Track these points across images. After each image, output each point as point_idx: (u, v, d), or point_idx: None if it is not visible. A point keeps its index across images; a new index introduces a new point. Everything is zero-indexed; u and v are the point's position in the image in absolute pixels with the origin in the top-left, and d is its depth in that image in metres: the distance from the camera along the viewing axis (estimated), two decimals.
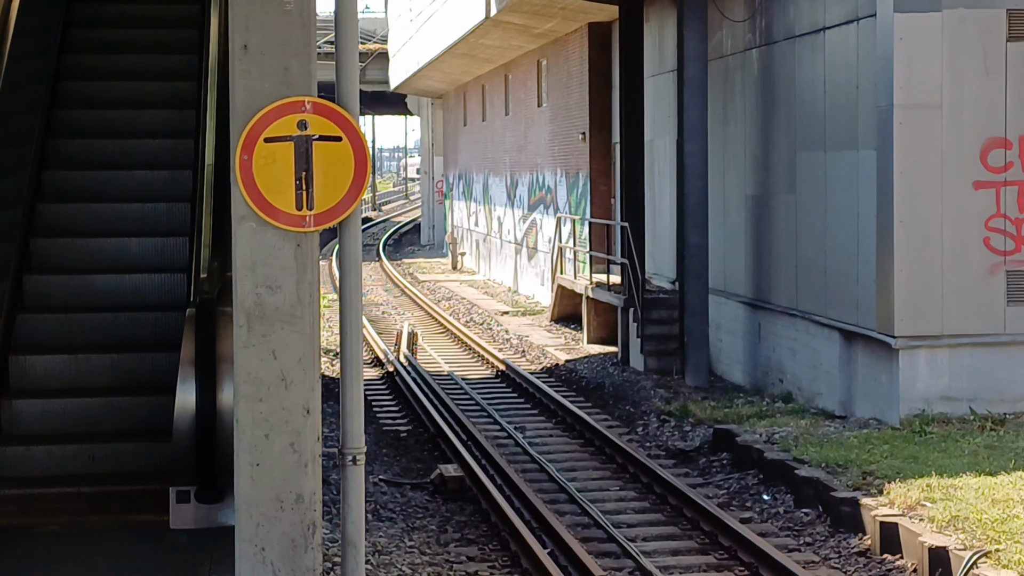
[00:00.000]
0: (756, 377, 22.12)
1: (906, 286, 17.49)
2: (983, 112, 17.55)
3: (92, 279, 11.17)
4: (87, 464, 9.73)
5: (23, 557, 8.38)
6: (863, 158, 18.34)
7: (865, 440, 16.39)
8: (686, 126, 22.70)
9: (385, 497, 16.00)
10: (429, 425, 20.33)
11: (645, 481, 16.52)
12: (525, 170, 39.72)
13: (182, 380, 8.86)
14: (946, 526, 12.79)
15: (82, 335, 10.73)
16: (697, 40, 22.62)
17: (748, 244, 22.62)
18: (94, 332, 10.75)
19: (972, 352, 17.62)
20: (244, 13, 7.33)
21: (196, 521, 8.76)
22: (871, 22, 18.07)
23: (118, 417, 10.10)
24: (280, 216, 7.36)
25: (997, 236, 17.62)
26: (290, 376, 7.36)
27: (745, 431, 17.75)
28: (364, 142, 7.56)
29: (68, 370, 10.41)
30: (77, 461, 9.75)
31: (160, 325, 10.68)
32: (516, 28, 34.63)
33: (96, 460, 9.74)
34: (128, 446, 9.81)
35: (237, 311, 7.35)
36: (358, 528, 7.77)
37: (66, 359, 10.46)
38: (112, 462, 9.75)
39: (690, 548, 13.93)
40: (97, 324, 10.79)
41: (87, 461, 9.74)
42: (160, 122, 12.83)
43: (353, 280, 7.78)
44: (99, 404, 10.14)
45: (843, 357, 18.99)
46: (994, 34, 17.53)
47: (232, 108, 7.37)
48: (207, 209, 10.10)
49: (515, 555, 13.58)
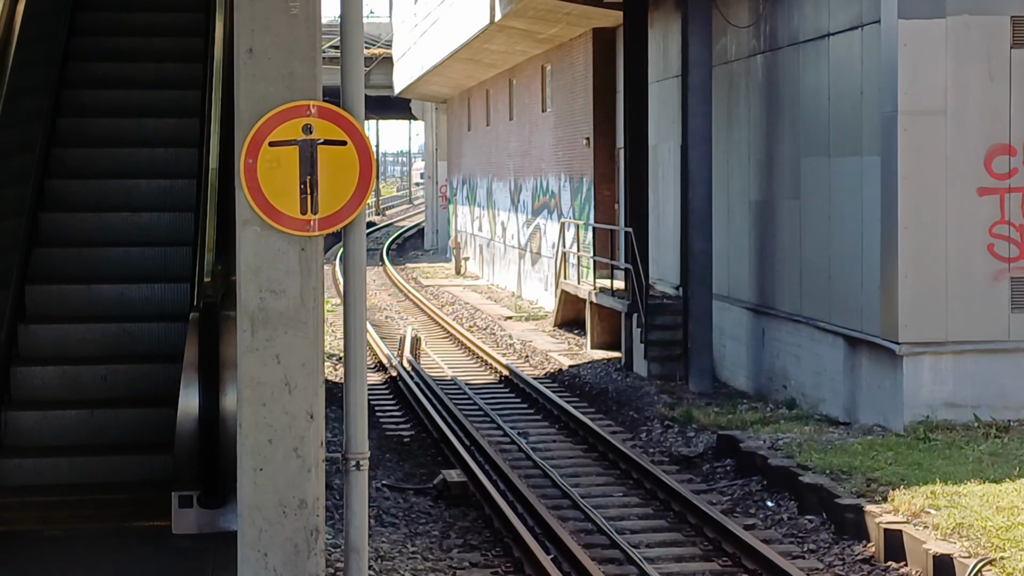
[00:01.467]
0: (760, 383, 22.10)
1: (910, 292, 17.47)
2: (987, 118, 17.53)
3: (97, 288, 11.16)
4: (89, 473, 9.72)
5: (27, 562, 8.36)
6: (867, 164, 18.33)
7: (869, 447, 16.36)
8: (690, 131, 22.70)
9: (388, 502, 15.99)
10: (432, 430, 20.32)
11: (648, 487, 16.49)
12: (529, 175, 39.72)
13: (185, 384, 8.84)
14: (950, 533, 12.76)
15: (84, 345, 10.71)
16: (701, 46, 22.62)
17: (752, 250, 22.60)
18: (98, 342, 10.75)
19: (976, 359, 17.59)
20: (249, 16, 7.31)
21: (199, 526, 8.74)
22: (875, 28, 18.06)
23: (120, 428, 10.10)
24: (284, 220, 7.34)
25: (1001, 243, 17.60)
26: (294, 381, 7.34)
27: (749, 437, 17.73)
28: (369, 146, 7.54)
29: (75, 380, 10.41)
30: (80, 471, 9.73)
31: (167, 335, 10.68)
32: (520, 33, 34.64)
33: (98, 471, 9.74)
34: (131, 458, 9.81)
35: (241, 315, 7.33)
36: (361, 534, 7.75)
37: (73, 369, 10.45)
38: (114, 473, 9.74)
39: (694, 554, 13.90)
40: (100, 334, 10.77)
41: (89, 470, 9.73)
42: (165, 129, 12.86)
43: (357, 284, 7.76)
44: (101, 415, 10.15)
45: (847, 363, 18.97)
46: (998, 41, 17.52)
47: (237, 112, 7.35)
48: (211, 213, 10.08)
49: (518, 561, 13.56)
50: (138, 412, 10.14)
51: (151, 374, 10.40)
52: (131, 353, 10.70)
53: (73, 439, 10.06)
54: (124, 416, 10.14)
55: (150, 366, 10.49)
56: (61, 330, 10.77)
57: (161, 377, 10.21)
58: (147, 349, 10.75)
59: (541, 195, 38.06)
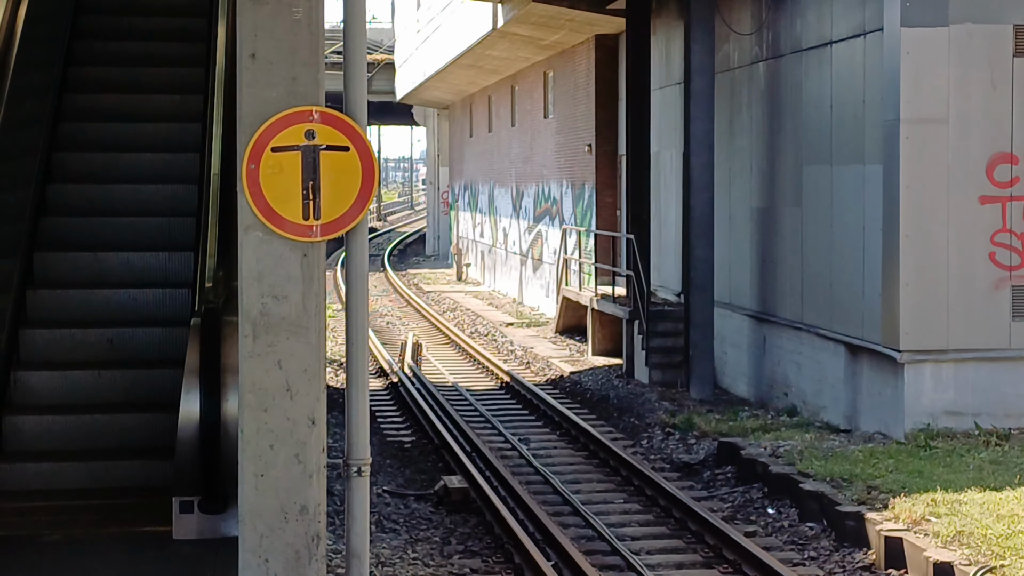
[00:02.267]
0: (761, 390, 22.10)
1: (912, 300, 17.47)
2: (989, 127, 17.54)
3: (96, 293, 11.16)
4: (90, 478, 9.72)
5: (26, 567, 8.36)
6: (869, 172, 18.33)
7: (870, 454, 16.36)
8: (692, 138, 22.71)
9: (389, 508, 15.99)
10: (433, 436, 20.31)
11: (649, 494, 16.49)
12: (531, 181, 39.73)
13: (186, 390, 8.83)
14: (951, 541, 12.76)
15: (86, 350, 10.72)
16: (704, 53, 22.62)
17: (754, 257, 22.60)
18: (98, 348, 10.74)
19: (977, 367, 17.59)
20: (252, 22, 7.31)
21: (199, 532, 8.72)
22: (878, 36, 18.06)
23: (121, 434, 10.11)
24: (287, 226, 7.34)
25: (1003, 251, 17.60)
26: (295, 386, 7.33)
27: (750, 444, 17.73)
28: (372, 152, 7.54)
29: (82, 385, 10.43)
30: (80, 476, 9.73)
31: (167, 340, 10.69)
32: (523, 39, 34.65)
33: (99, 475, 9.74)
34: (133, 463, 9.82)
35: (243, 320, 7.32)
36: (363, 539, 7.74)
37: (79, 374, 10.46)
38: (114, 479, 9.75)
39: (694, 561, 13.90)
40: (101, 339, 10.77)
41: (90, 475, 9.73)
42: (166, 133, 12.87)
43: (360, 290, 7.76)
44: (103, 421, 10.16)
45: (848, 371, 18.97)
46: (1001, 49, 17.53)
47: (239, 117, 7.35)
48: (212, 219, 10.08)
49: (519, 567, 13.55)
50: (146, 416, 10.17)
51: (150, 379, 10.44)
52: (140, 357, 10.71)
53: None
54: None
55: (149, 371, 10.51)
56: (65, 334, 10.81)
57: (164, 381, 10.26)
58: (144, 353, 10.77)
59: (543, 201, 38.07)
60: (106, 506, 9.42)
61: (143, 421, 10.11)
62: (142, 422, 10.11)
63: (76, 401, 10.33)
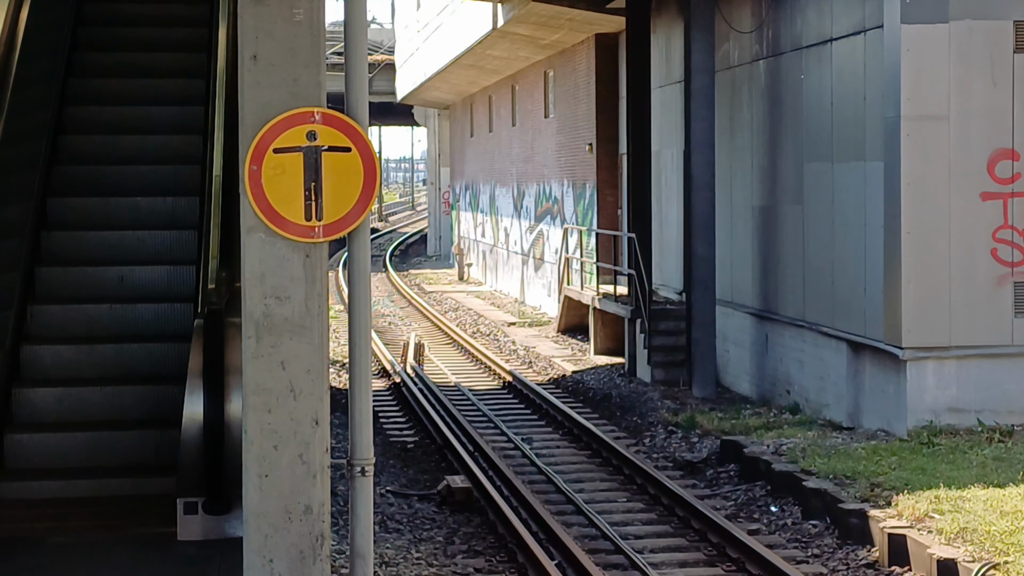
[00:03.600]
0: (763, 388, 22.10)
1: (914, 297, 17.47)
2: (990, 123, 17.54)
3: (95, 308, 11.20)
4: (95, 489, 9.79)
5: (31, 568, 8.37)
6: (870, 169, 18.33)
7: (873, 451, 16.36)
8: (693, 137, 22.72)
9: (392, 508, 16.00)
10: (436, 436, 20.32)
11: (652, 492, 16.50)
12: (532, 181, 39.74)
13: (190, 391, 8.85)
14: (954, 538, 12.77)
15: (91, 365, 10.75)
16: (704, 51, 22.63)
17: (755, 255, 22.61)
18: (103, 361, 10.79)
19: (980, 363, 17.60)
20: (253, 23, 7.32)
21: (204, 532, 8.73)
22: (878, 33, 18.07)
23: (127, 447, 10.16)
24: (289, 227, 7.35)
25: (1004, 247, 17.61)
26: (299, 387, 7.34)
27: (753, 442, 17.73)
28: (373, 152, 7.55)
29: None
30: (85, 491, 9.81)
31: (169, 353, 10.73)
32: (523, 39, 34.66)
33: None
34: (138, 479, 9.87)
35: (246, 322, 7.33)
36: (367, 540, 7.75)
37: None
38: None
39: (698, 560, 13.90)
40: (105, 353, 10.81)
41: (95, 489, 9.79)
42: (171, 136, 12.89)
43: (362, 290, 7.77)
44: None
45: (851, 368, 18.97)
46: (1001, 45, 17.53)
47: (241, 119, 7.36)
48: (215, 222, 10.09)
49: (522, 567, 13.56)
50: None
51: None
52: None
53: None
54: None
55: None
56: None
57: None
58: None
59: (544, 201, 38.08)
60: (112, 510, 9.45)
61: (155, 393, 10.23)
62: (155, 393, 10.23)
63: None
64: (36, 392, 10.38)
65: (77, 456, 10.04)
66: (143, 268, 11.49)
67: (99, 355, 10.74)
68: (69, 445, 10.07)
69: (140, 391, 10.41)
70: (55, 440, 10.08)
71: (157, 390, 10.33)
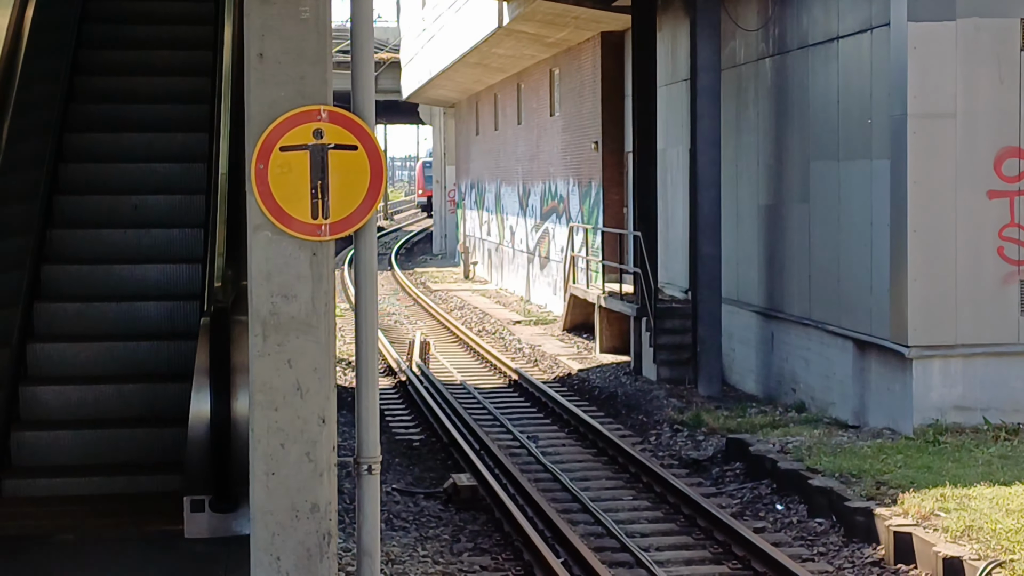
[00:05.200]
0: (769, 387, 22.09)
1: (920, 296, 17.46)
2: (997, 121, 17.53)
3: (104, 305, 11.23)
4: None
5: (38, 566, 8.38)
6: (877, 167, 18.32)
7: (879, 450, 16.36)
8: (699, 135, 22.70)
9: (398, 506, 16.00)
10: (442, 434, 20.33)
11: (658, 491, 16.50)
12: (537, 179, 39.73)
13: (197, 389, 8.85)
14: (960, 536, 12.76)
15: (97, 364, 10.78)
16: (710, 49, 22.62)
17: (761, 254, 22.60)
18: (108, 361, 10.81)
19: (986, 362, 17.59)
20: (260, 21, 7.32)
21: (211, 530, 8.74)
22: (885, 31, 18.06)
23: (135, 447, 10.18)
24: (295, 225, 7.35)
25: (1011, 245, 17.59)
26: (305, 385, 7.35)
27: (758, 441, 17.73)
28: (380, 151, 7.55)
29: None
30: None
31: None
32: (528, 37, 34.65)
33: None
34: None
35: (252, 320, 7.34)
36: (373, 537, 7.76)
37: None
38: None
39: (704, 558, 13.91)
40: (111, 351, 10.83)
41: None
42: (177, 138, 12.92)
43: (369, 289, 7.77)
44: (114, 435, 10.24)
45: (856, 367, 18.96)
46: (1008, 43, 17.52)
47: (247, 117, 7.36)
48: (221, 220, 10.09)
49: (528, 564, 13.57)
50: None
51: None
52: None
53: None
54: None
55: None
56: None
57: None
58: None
59: (549, 199, 38.07)
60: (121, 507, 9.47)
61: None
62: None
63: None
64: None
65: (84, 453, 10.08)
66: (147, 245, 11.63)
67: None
68: (78, 441, 10.12)
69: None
70: (61, 437, 10.11)
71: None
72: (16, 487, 9.76)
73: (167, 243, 11.75)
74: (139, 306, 11.15)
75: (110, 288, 11.37)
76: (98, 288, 11.34)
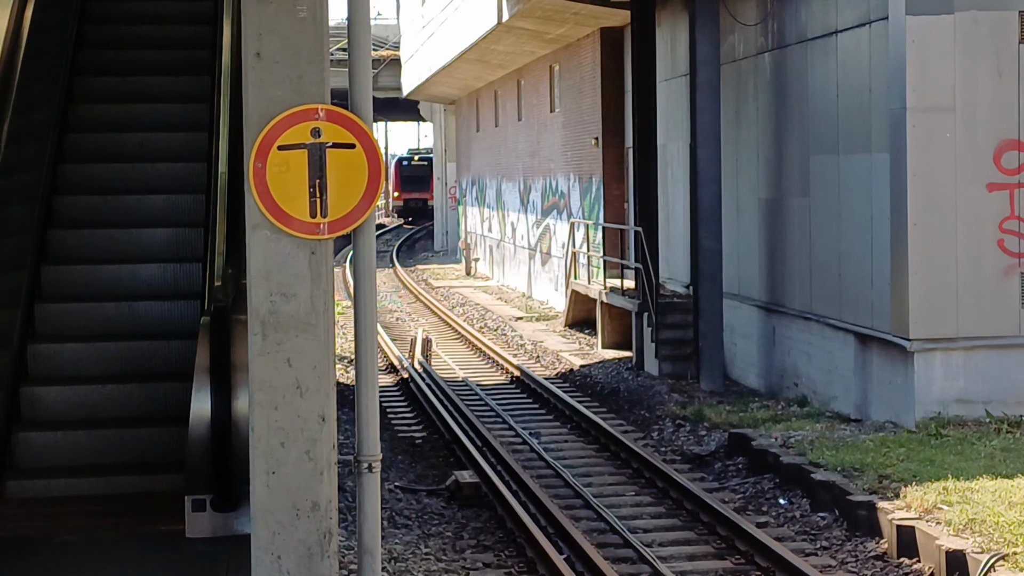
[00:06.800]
0: (771, 381, 22.09)
1: (921, 289, 17.46)
2: (996, 114, 17.53)
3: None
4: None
5: (39, 566, 8.39)
6: (876, 161, 18.32)
7: (881, 443, 16.36)
8: (699, 130, 22.70)
9: (401, 504, 16.01)
10: (444, 431, 20.33)
11: (661, 486, 16.50)
12: (538, 175, 39.72)
13: (197, 389, 8.86)
14: (963, 529, 12.76)
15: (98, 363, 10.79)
16: (709, 44, 22.62)
17: (762, 248, 22.60)
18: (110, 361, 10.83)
19: (987, 354, 17.58)
20: (257, 20, 7.32)
21: (212, 530, 8.75)
22: (883, 25, 18.05)
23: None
24: (294, 224, 7.35)
25: (1011, 238, 17.59)
26: (305, 384, 7.35)
27: (761, 435, 17.73)
28: (378, 149, 7.55)
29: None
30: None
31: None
32: (528, 33, 34.64)
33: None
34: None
35: (252, 319, 7.34)
36: (374, 535, 7.76)
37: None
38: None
39: (706, 553, 13.91)
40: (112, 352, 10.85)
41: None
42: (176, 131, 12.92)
43: (368, 287, 7.77)
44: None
45: (858, 360, 18.96)
46: (1007, 36, 17.51)
47: (245, 116, 7.36)
48: (220, 220, 10.10)
49: (531, 561, 13.57)
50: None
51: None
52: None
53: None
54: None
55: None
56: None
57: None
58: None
59: (550, 195, 38.07)
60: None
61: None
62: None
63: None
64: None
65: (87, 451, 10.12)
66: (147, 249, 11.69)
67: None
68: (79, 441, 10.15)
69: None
70: (65, 437, 10.13)
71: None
72: (19, 488, 9.77)
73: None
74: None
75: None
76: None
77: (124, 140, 12.79)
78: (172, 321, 11.09)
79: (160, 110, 13.18)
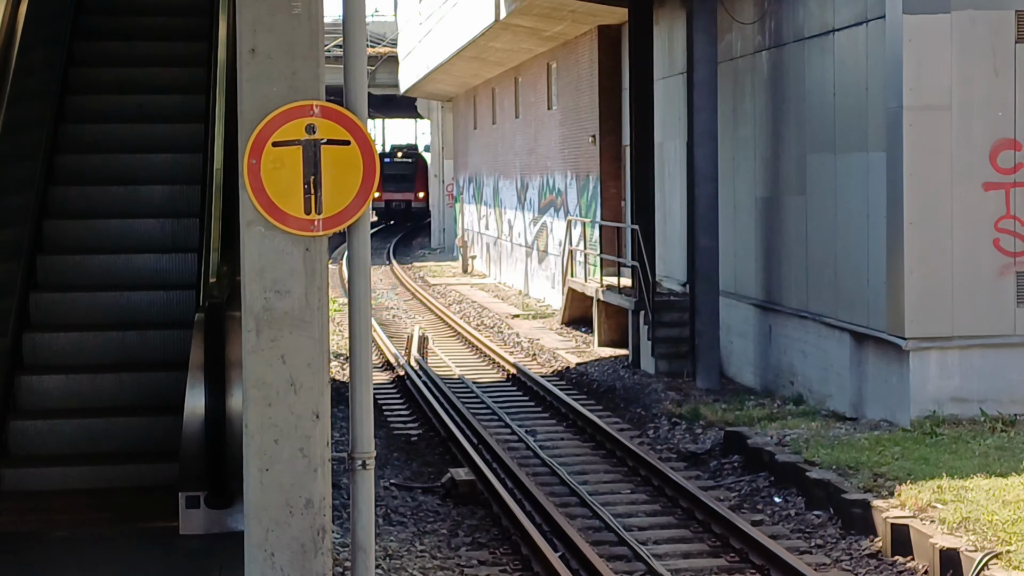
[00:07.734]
0: (767, 379, 22.10)
1: (916, 288, 17.47)
2: (992, 113, 17.53)
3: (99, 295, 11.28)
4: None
5: (32, 563, 8.39)
6: (873, 160, 18.32)
7: (876, 442, 16.37)
8: (696, 129, 22.70)
9: (396, 501, 16.01)
10: (440, 429, 20.33)
11: (656, 484, 16.51)
12: (535, 173, 39.73)
13: (191, 385, 8.85)
14: (957, 527, 12.78)
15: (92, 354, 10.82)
16: (707, 43, 22.62)
17: (758, 246, 22.60)
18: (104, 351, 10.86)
19: (982, 353, 17.59)
20: (252, 16, 7.31)
21: (206, 526, 8.75)
22: (880, 24, 18.05)
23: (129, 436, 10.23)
24: (289, 220, 7.35)
25: (1007, 237, 17.60)
26: (299, 381, 7.35)
27: (756, 433, 17.74)
28: (372, 146, 7.55)
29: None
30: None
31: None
32: (525, 31, 34.64)
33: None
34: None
35: (246, 316, 7.34)
36: (368, 533, 7.76)
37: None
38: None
39: (701, 551, 13.92)
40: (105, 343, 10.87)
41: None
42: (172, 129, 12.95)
43: (362, 284, 7.77)
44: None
45: (854, 359, 18.97)
46: (1003, 35, 17.51)
47: (240, 112, 7.36)
48: (215, 215, 10.10)
49: (526, 559, 13.58)
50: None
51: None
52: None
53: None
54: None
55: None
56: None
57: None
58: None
59: (547, 193, 38.07)
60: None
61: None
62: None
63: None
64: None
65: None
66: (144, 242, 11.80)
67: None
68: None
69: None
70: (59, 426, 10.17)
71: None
72: (14, 476, 9.78)
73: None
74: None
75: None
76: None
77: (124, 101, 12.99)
78: (171, 275, 11.43)
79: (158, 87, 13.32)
